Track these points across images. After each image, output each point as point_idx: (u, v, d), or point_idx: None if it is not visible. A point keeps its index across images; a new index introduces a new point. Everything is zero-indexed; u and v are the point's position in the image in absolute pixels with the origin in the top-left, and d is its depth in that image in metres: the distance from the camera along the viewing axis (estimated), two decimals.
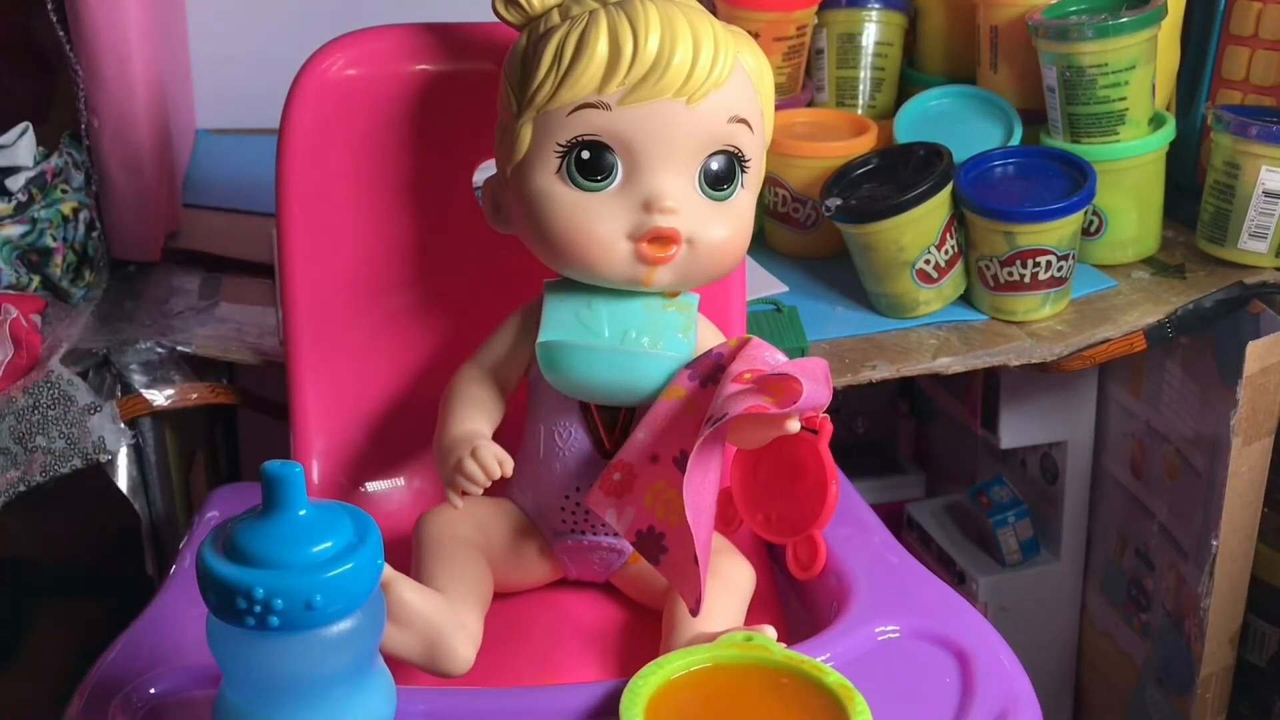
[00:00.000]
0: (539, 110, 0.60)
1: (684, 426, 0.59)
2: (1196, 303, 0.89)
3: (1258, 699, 0.96)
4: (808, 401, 0.55)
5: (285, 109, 0.69)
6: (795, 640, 0.58)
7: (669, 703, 0.52)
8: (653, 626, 0.63)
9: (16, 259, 0.87)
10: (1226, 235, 0.91)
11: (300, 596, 0.44)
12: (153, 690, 0.53)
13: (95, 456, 0.79)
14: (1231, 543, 0.91)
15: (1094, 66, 0.90)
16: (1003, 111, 0.96)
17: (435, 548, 0.62)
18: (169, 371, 0.83)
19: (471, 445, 0.60)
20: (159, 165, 0.93)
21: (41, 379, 0.78)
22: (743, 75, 0.61)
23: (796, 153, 0.95)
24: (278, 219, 0.70)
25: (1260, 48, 0.96)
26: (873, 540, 0.66)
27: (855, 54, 1.03)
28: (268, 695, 0.46)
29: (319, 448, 0.72)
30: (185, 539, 0.70)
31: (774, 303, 0.88)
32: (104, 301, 0.90)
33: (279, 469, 0.45)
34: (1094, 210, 0.93)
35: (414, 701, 0.52)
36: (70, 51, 0.88)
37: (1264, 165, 0.88)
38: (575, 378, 0.62)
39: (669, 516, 0.58)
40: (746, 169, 0.62)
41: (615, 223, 0.60)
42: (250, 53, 1.16)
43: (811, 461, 0.62)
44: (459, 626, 0.56)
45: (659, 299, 0.63)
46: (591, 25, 0.59)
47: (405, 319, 0.73)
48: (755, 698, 0.54)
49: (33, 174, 0.87)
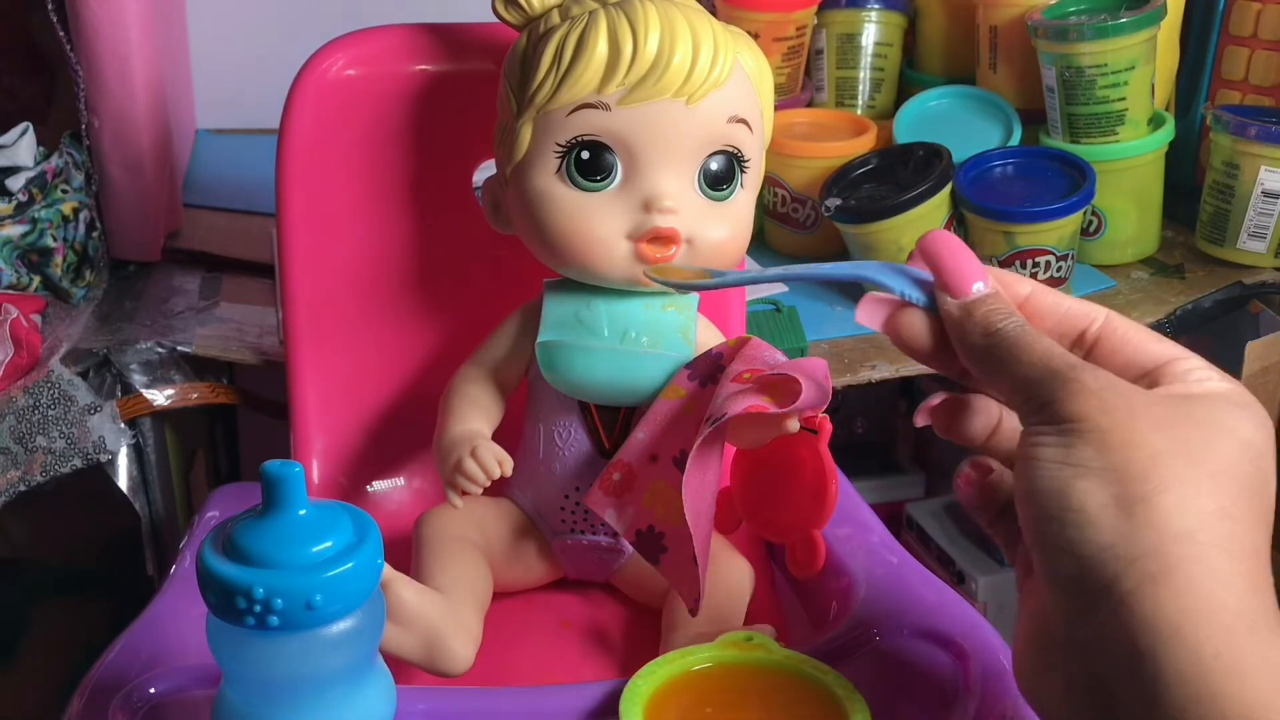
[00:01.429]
0: (539, 110, 0.60)
1: (683, 426, 0.59)
2: (1196, 303, 0.89)
3: None
4: (807, 401, 0.55)
5: (285, 109, 0.69)
6: (795, 640, 0.57)
7: (669, 703, 0.52)
8: (652, 626, 0.63)
9: (17, 259, 0.87)
10: (1226, 235, 0.92)
11: (300, 596, 0.44)
12: (153, 690, 0.53)
13: (95, 456, 0.79)
14: None
15: (1093, 67, 0.90)
16: (1002, 111, 0.97)
17: (435, 547, 0.62)
18: (169, 371, 0.83)
19: (471, 445, 0.60)
20: (159, 165, 0.93)
21: (42, 379, 0.78)
22: (742, 75, 0.61)
23: (796, 153, 0.95)
24: (278, 219, 0.70)
25: (1259, 48, 0.96)
26: (873, 540, 0.66)
27: (855, 54, 1.03)
28: (268, 695, 0.46)
29: (319, 448, 0.72)
30: (185, 539, 0.70)
31: (774, 303, 0.88)
32: (104, 301, 0.90)
33: (279, 469, 0.45)
34: (1093, 210, 0.93)
35: (414, 701, 0.52)
36: (70, 51, 0.88)
37: (1263, 165, 0.88)
38: (575, 377, 0.62)
39: (668, 516, 0.58)
40: (746, 169, 0.62)
41: (615, 223, 0.60)
42: (250, 53, 1.17)
43: (811, 461, 0.62)
44: (459, 626, 0.56)
45: (658, 299, 0.63)
46: (591, 25, 0.59)
47: (405, 319, 0.73)
48: (755, 698, 0.54)
49: (33, 174, 0.87)
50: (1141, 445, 0.41)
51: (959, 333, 0.46)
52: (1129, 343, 0.46)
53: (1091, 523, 0.40)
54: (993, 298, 0.46)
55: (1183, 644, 0.38)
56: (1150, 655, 0.38)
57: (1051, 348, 0.44)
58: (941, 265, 0.47)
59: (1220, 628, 0.38)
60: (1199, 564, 0.39)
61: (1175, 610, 0.39)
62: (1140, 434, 0.41)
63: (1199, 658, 0.38)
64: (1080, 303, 0.48)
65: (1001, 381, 0.45)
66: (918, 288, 0.48)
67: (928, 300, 0.48)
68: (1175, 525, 0.39)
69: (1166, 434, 0.41)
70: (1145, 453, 0.40)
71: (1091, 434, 0.41)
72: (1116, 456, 0.40)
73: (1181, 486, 0.40)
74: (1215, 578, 0.39)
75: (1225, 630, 0.38)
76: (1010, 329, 0.45)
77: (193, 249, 0.98)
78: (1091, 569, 0.40)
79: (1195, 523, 0.39)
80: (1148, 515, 0.40)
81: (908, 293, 0.48)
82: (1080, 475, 0.41)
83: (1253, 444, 0.42)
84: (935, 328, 0.47)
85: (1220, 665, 0.38)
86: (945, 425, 0.50)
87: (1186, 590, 0.39)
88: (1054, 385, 0.42)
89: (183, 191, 1.04)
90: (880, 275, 0.48)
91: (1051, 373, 0.43)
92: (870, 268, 0.49)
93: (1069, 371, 0.43)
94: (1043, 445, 0.42)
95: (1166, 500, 0.40)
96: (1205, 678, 0.38)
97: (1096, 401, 0.41)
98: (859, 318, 0.49)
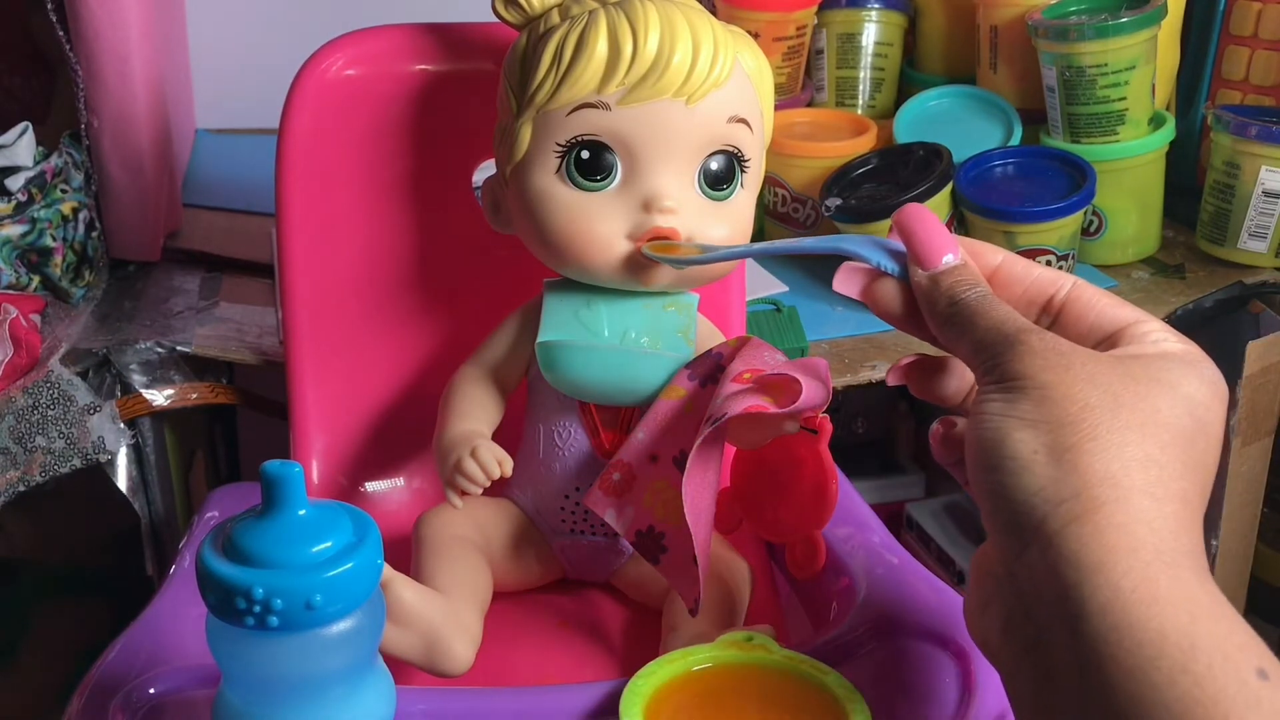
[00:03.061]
0: (538, 110, 0.60)
1: (683, 426, 0.59)
2: (1196, 302, 0.89)
3: None
4: (807, 401, 0.55)
5: (285, 109, 0.69)
6: (795, 640, 0.57)
7: (668, 702, 0.52)
8: (652, 626, 0.63)
9: (16, 259, 0.87)
10: (1226, 235, 0.92)
11: (300, 596, 0.44)
12: (152, 690, 0.53)
13: (95, 456, 0.79)
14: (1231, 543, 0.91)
15: (1094, 66, 0.90)
16: (1002, 111, 0.97)
17: (435, 547, 0.62)
18: (169, 371, 0.83)
19: (471, 445, 0.60)
20: (159, 165, 0.93)
21: (41, 379, 0.78)
22: (742, 75, 0.61)
23: (796, 153, 0.95)
24: (278, 219, 0.70)
25: (1260, 48, 0.96)
26: (873, 540, 0.66)
27: (855, 54, 1.03)
28: (267, 695, 0.46)
29: (319, 448, 0.72)
30: (185, 539, 0.69)
31: (774, 303, 0.88)
32: (104, 301, 0.90)
33: (278, 469, 0.45)
34: (1094, 210, 0.93)
35: (414, 701, 0.52)
36: (70, 51, 0.88)
37: (1264, 165, 0.88)
38: (575, 377, 0.62)
39: (668, 516, 0.58)
40: (746, 169, 0.62)
41: (615, 223, 0.60)
42: (250, 53, 1.17)
43: (811, 461, 0.62)
44: (458, 626, 0.56)
45: (659, 299, 0.63)
46: (591, 25, 0.59)
47: (405, 319, 0.73)
48: (755, 698, 0.54)
49: (33, 174, 0.87)
50: (1075, 399, 0.44)
51: (927, 301, 0.50)
52: (1093, 308, 0.49)
53: (1025, 468, 0.43)
54: (959, 269, 0.50)
55: (1105, 578, 0.41)
56: (1075, 589, 0.41)
57: (1007, 314, 0.47)
58: (914, 238, 0.50)
59: (1139, 563, 0.41)
60: (1120, 505, 0.42)
61: (1098, 547, 0.41)
62: (1075, 388, 0.44)
63: (1118, 590, 0.40)
64: (1049, 270, 0.51)
65: (962, 346, 0.48)
66: (892, 258, 0.51)
67: (900, 270, 0.51)
68: (1098, 469, 0.42)
69: (1100, 388, 0.44)
70: (1077, 405, 0.43)
71: (1032, 390, 0.44)
72: (1052, 409, 0.44)
73: (1109, 435, 0.43)
74: (1136, 518, 0.42)
75: (1144, 565, 0.41)
76: (972, 298, 0.48)
77: (192, 249, 0.98)
78: (1023, 511, 0.43)
79: (1119, 468, 0.42)
80: (1074, 461, 0.43)
81: (882, 263, 0.51)
82: (1017, 426, 0.44)
83: (1192, 398, 0.45)
84: (907, 296, 0.51)
85: (1137, 598, 0.40)
86: (921, 386, 0.53)
87: (1108, 528, 0.41)
88: (1003, 347, 0.46)
89: (182, 191, 1.04)
90: (858, 247, 0.52)
91: (1003, 336, 0.46)
92: (850, 240, 0.52)
93: (1017, 335, 0.46)
94: (989, 400, 0.45)
95: (1092, 447, 0.43)
96: (1124, 609, 0.40)
97: (1040, 360, 0.45)
98: (836, 285, 0.52)
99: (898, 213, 0.51)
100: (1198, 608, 0.40)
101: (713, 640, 0.56)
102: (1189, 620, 0.40)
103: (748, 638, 0.56)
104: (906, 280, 0.51)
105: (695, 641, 0.56)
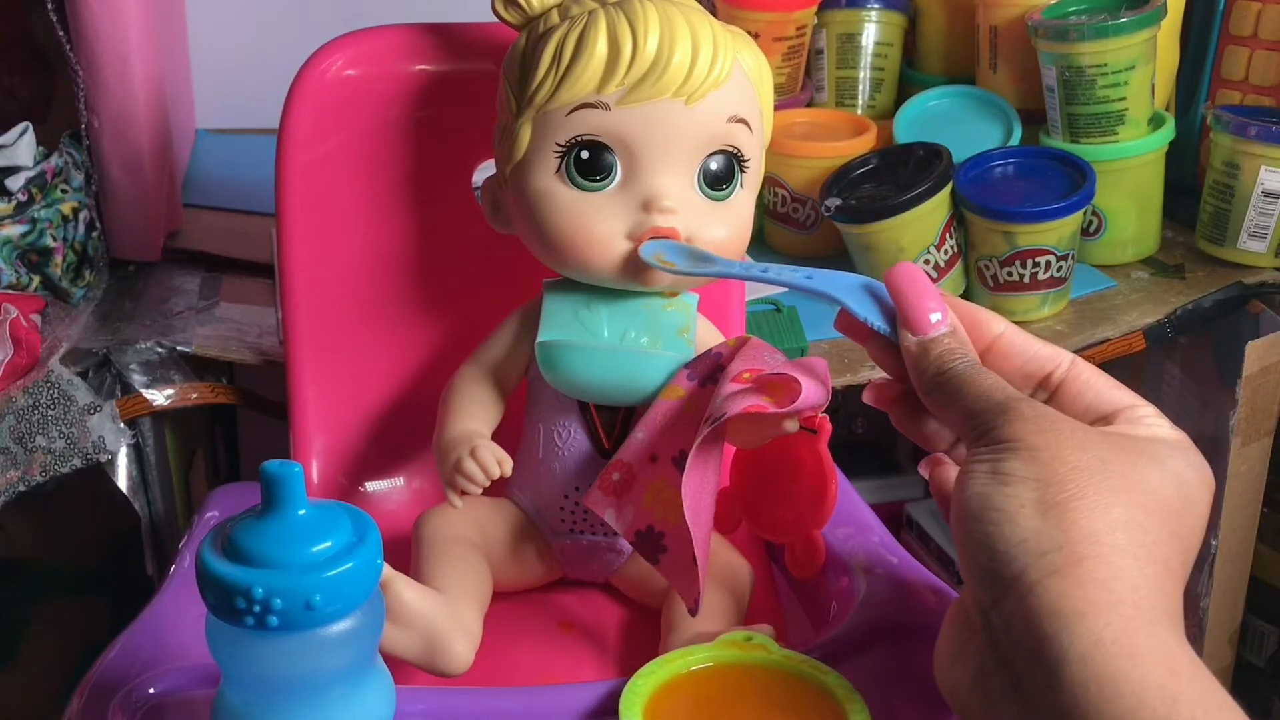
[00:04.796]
0: (538, 110, 0.60)
1: (683, 426, 0.59)
2: (1196, 303, 0.89)
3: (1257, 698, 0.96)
4: (807, 401, 0.55)
5: (285, 109, 0.69)
6: (795, 640, 0.57)
7: (668, 702, 0.52)
8: (652, 626, 0.63)
9: (16, 259, 0.87)
10: (1226, 235, 0.92)
11: (300, 596, 0.44)
12: (152, 690, 0.53)
13: (95, 456, 0.79)
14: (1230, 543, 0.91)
15: (1093, 67, 0.90)
16: (1002, 111, 0.97)
17: (434, 547, 0.62)
18: (169, 371, 0.83)
19: (470, 445, 0.60)
20: (159, 165, 0.93)
21: (41, 379, 0.78)
22: (742, 75, 0.61)
23: (796, 153, 0.95)
24: (278, 219, 0.70)
25: (1260, 48, 0.96)
26: (873, 540, 0.66)
27: (855, 54, 1.03)
28: (267, 695, 0.46)
29: (319, 448, 0.72)
30: (185, 539, 0.70)
31: (774, 303, 0.88)
32: (104, 301, 0.90)
33: (278, 469, 0.45)
34: (1093, 210, 0.93)
35: (414, 701, 0.52)
36: (70, 51, 0.88)
37: (1263, 165, 0.88)
38: (574, 377, 0.62)
39: (668, 516, 0.58)
40: (746, 169, 0.62)
41: (614, 223, 0.60)
42: (250, 53, 1.17)
43: (811, 461, 0.62)
44: (458, 626, 0.56)
45: (658, 299, 0.63)
46: (591, 25, 0.59)
47: (405, 319, 0.73)
48: (755, 698, 0.54)
49: (33, 174, 0.87)
50: (1065, 460, 0.44)
51: (915, 367, 0.50)
52: (1091, 388, 0.50)
53: (1009, 520, 0.44)
54: (948, 338, 0.50)
55: (1085, 628, 0.41)
56: (1053, 638, 0.42)
57: (996, 383, 0.48)
58: (903, 300, 0.51)
59: (1119, 617, 0.41)
60: (1102, 562, 0.42)
61: (1079, 598, 0.42)
62: (1065, 451, 0.45)
63: (1099, 641, 0.41)
64: (1049, 346, 0.51)
65: (950, 413, 0.49)
66: (883, 316, 0.52)
67: (891, 330, 0.51)
68: (1083, 525, 0.43)
69: (1089, 453, 0.45)
70: (1067, 466, 0.44)
71: (1023, 451, 0.45)
72: (1041, 468, 0.44)
73: (1096, 496, 0.44)
74: (1118, 575, 0.42)
75: (1124, 620, 0.41)
76: (960, 368, 0.49)
77: (192, 249, 0.98)
78: (1003, 561, 0.44)
79: (1103, 526, 0.43)
80: (1059, 517, 0.43)
81: (871, 319, 0.52)
82: (1006, 482, 0.45)
83: (1180, 476, 0.46)
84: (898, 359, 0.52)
85: (1118, 649, 0.41)
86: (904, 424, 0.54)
87: (1089, 582, 0.42)
88: (995, 414, 0.47)
89: (182, 191, 1.04)
90: (851, 299, 0.52)
91: (994, 404, 0.47)
92: (845, 287, 0.52)
93: (1008, 402, 0.47)
94: (979, 461, 0.46)
95: (1078, 505, 0.43)
96: (1105, 659, 0.41)
97: (1032, 425, 0.46)
98: (837, 327, 0.54)
99: (889, 272, 0.52)
100: (1178, 664, 0.41)
101: (712, 640, 0.56)
102: (1169, 675, 0.40)
103: (747, 638, 0.56)
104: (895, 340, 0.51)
105: (695, 641, 0.56)
